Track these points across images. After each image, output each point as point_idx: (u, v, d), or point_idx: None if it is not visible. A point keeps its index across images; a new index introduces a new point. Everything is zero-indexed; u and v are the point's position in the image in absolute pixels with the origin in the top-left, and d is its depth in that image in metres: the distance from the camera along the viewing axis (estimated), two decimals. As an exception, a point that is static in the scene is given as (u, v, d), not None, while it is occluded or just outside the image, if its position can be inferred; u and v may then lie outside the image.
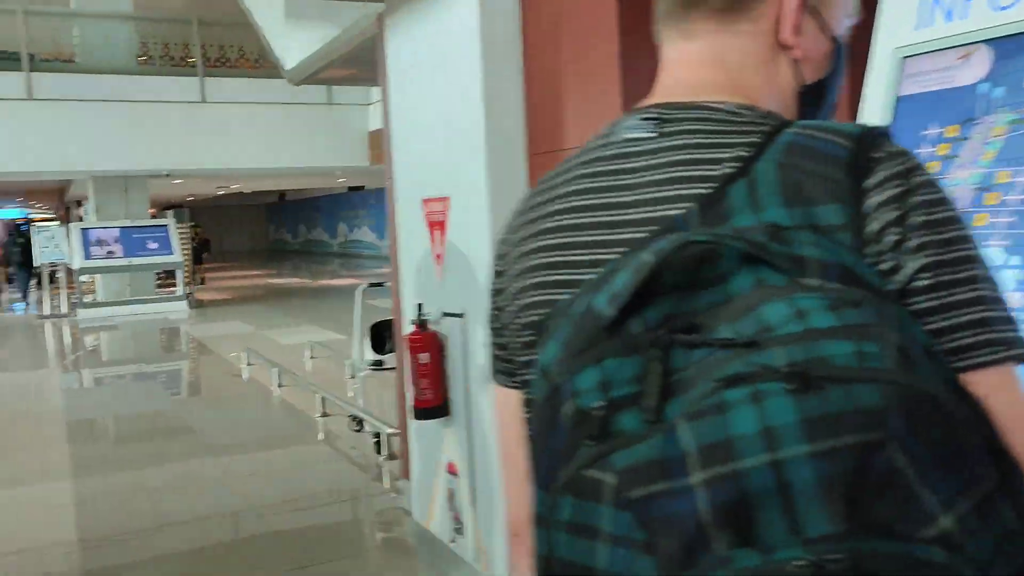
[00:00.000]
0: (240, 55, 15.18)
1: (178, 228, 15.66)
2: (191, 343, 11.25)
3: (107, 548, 4.25)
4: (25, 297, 17.68)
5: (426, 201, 3.46)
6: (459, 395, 3.29)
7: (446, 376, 3.37)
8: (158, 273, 15.92)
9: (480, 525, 3.22)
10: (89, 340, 12.35)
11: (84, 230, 14.57)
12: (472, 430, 3.22)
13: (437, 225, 3.37)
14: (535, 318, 0.81)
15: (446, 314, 3.35)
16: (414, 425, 3.70)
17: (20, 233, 17.53)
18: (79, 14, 14.66)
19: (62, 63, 13.97)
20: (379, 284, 6.22)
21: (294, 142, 14.93)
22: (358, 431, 5.99)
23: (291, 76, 6.19)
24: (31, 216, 49.71)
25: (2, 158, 13.14)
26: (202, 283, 20.70)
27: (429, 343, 3.35)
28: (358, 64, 5.36)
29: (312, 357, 9.19)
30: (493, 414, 0.95)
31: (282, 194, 39.27)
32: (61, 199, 33.90)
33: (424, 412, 3.39)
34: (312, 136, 15.06)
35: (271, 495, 4.94)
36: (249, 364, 8.94)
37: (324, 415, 6.54)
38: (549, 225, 0.83)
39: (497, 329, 0.90)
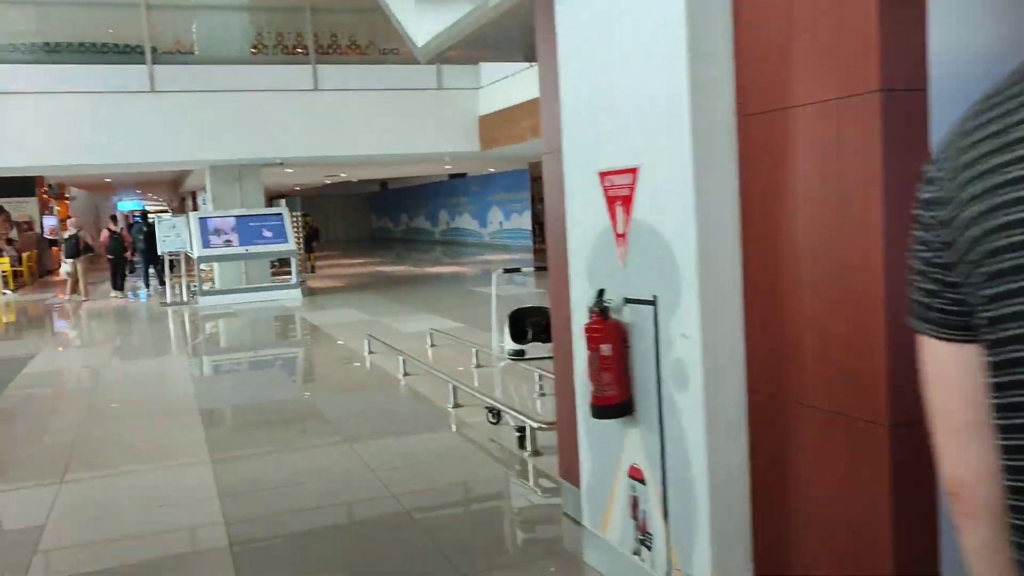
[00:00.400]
0: (351, 42, 15.16)
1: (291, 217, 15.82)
2: (309, 330, 11.26)
3: (254, 530, 4.10)
4: (148, 285, 18.11)
5: (604, 175, 3.09)
6: (648, 392, 2.92)
7: (630, 370, 3.00)
8: (272, 261, 16.13)
9: (674, 540, 2.85)
10: (211, 327, 12.54)
11: (202, 219, 14.85)
12: (665, 432, 2.85)
13: (620, 201, 3.00)
14: (1009, 264, 0.74)
15: (630, 300, 2.98)
16: (586, 422, 3.36)
17: (146, 223, 18.06)
18: (198, 6, 14.89)
19: (182, 55, 14.20)
20: (515, 270, 5.91)
21: (404, 128, 14.83)
22: (495, 423, 5.71)
23: (422, 55, 5.93)
24: (146, 208, 51.97)
25: (127, 149, 13.46)
26: (312, 271, 21.08)
27: (612, 333, 2.99)
28: (499, 38, 5.06)
29: (433, 345, 9.00)
30: (927, 368, 0.87)
31: (384, 183, 39.75)
32: (175, 190, 35.11)
33: (605, 410, 3.04)
34: (422, 122, 14.93)
35: (414, 485, 4.70)
36: (371, 352, 8.81)
37: (456, 406, 6.29)
38: None
39: (936, 267, 0.84)
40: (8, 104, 12.72)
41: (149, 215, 48.11)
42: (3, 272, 19.58)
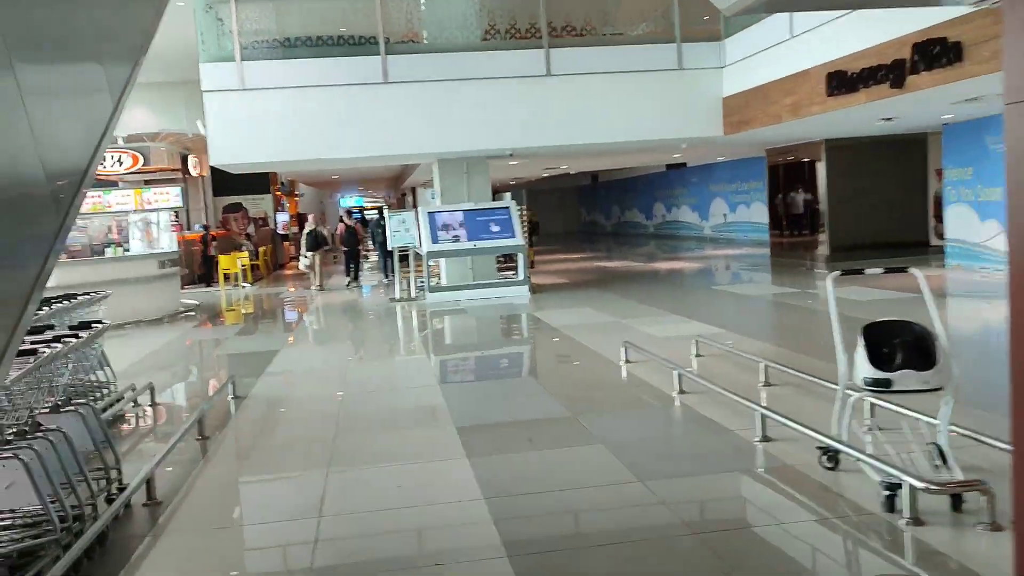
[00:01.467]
0: (586, 24, 14.21)
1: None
2: (548, 333, 10.40)
3: (530, 542, 3.16)
4: (387, 277, 18.39)
5: None
6: None
7: None
8: (497, 257, 15.57)
9: None
10: (445, 325, 12.05)
11: (431, 214, 14.47)
12: None
13: None
14: None
15: None
16: None
17: (382, 217, 18.15)
18: (430, -7, 14.51)
19: (414, 44, 13.83)
20: (856, 271, 4.61)
21: (642, 113, 13.72)
22: (831, 468, 4.46)
23: (729, 5, 4.77)
24: (364, 204, 54.23)
25: (362, 142, 13.27)
26: (531, 266, 20.58)
27: None
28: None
29: (698, 355, 7.82)
30: None
31: (595, 176, 38.89)
32: (395, 186, 36.05)
33: None
34: (661, 106, 13.75)
35: (741, 546, 3.59)
36: (627, 361, 7.78)
37: (765, 439, 5.09)
38: None
39: None
40: (251, 100, 12.84)
41: (366, 211, 50.35)
42: (243, 265, 20.44)
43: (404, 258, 15.33)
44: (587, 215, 42.18)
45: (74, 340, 4.95)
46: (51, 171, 2.67)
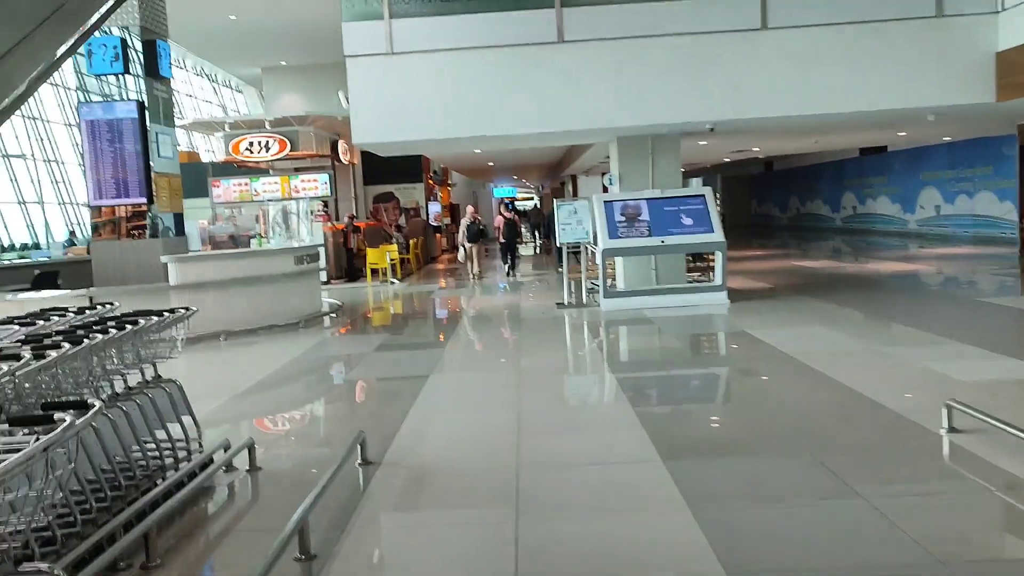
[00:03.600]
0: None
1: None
2: (783, 363, 7.66)
3: None
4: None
5: None
6: None
7: None
8: (686, 256, 12.96)
9: None
10: (633, 345, 9.56)
11: (608, 203, 12.00)
12: None
13: None
14: None
15: None
16: None
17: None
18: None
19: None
20: None
21: (883, 74, 10.71)
22: None
23: None
24: (517, 195, 52.41)
25: (530, 115, 10.94)
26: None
27: None
28: None
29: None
30: None
31: (769, 164, 35.26)
32: (553, 173, 33.77)
33: None
34: (909, 65, 10.69)
35: None
36: (951, 429, 5.02)
37: None
38: None
39: None
40: (401, 66, 10.77)
41: (516, 202, 48.40)
42: (391, 260, 18.66)
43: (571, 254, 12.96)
44: (759, 207, 38.46)
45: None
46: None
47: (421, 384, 7.38)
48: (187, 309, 5.02)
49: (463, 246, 18.53)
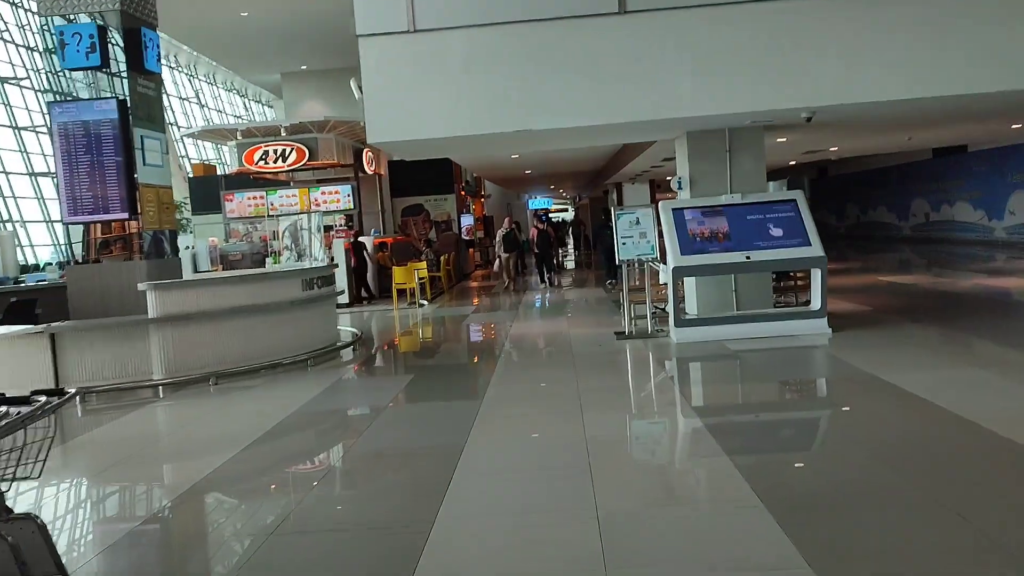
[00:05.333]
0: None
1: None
2: (950, 423, 5.54)
3: None
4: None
5: None
6: None
7: None
8: (773, 274, 10.82)
9: None
10: (722, 392, 7.44)
11: (678, 211, 9.90)
12: None
13: None
14: None
15: None
16: None
17: (608, 217, 14.04)
18: None
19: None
20: None
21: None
22: None
23: None
24: (552, 207, 50.31)
25: (577, 106, 8.84)
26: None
27: None
28: None
29: None
30: None
31: (823, 168, 32.88)
32: (595, 182, 31.64)
33: None
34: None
35: None
36: None
37: None
38: None
39: None
40: (424, 47, 8.77)
41: (551, 213, 46.30)
42: (420, 278, 16.66)
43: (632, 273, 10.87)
44: (812, 215, 35.97)
45: None
46: None
47: (455, 460, 5.31)
48: (61, 394, 3.01)
49: (499, 257, 19.05)
